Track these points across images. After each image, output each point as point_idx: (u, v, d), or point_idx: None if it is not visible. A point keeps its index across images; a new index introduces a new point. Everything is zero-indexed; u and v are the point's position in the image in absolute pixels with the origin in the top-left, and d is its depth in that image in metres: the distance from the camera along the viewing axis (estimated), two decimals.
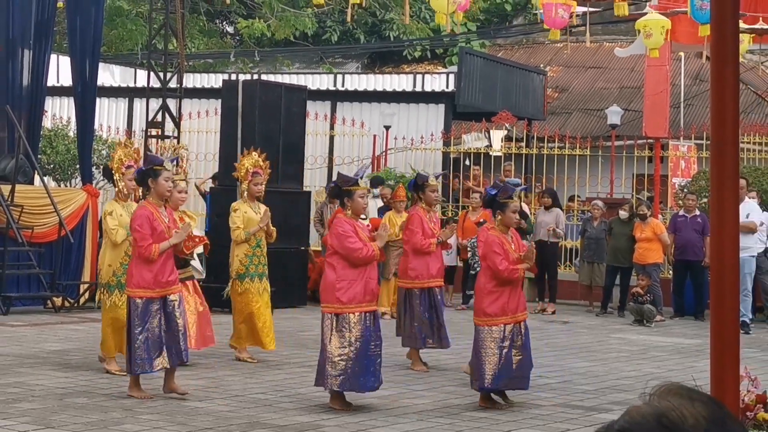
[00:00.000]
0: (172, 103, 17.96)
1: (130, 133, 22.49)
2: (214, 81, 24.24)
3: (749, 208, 15.05)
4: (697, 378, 7.19)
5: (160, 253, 8.97)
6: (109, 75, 24.63)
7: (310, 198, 17.84)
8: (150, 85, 18.17)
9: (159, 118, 17.77)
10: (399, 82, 24.69)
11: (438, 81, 24.28)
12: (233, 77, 21.58)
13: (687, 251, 16.43)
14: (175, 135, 17.77)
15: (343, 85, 24.43)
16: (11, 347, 11.38)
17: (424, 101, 22.45)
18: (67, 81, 19.06)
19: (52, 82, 19.37)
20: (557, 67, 30.19)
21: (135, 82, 24.44)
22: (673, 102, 22.85)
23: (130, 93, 23.37)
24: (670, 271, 17.46)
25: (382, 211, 16.40)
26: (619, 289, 16.98)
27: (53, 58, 18.78)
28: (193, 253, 10.85)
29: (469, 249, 16.66)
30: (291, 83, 20.08)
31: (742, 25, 14.36)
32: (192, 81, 23.92)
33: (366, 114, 22.06)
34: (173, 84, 18.01)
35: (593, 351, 12.80)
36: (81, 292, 15.16)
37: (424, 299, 11.14)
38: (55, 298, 14.92)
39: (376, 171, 20.46)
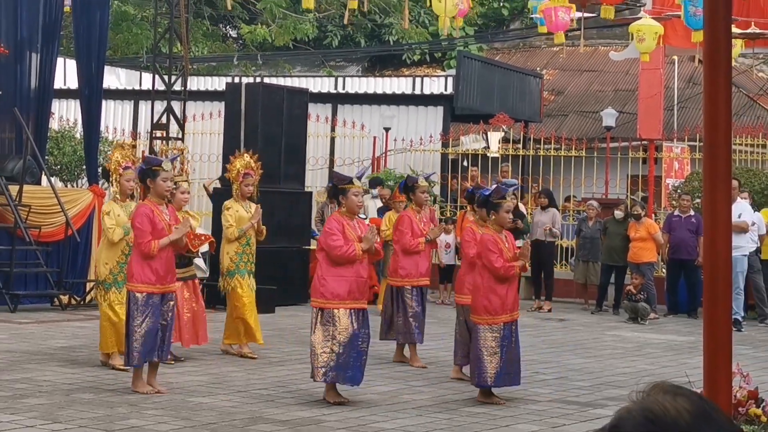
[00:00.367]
0: (176, 106, 17.88)
1: (135, 134, 22.51)
2: (218, 84, 24.34)
3: (741, 209, 15.08)
4: (690, 374, 7.13)
5: (159, 249, 8.98)
6: (115, 78, 24.73)
7: (311, 198, 17.91)
8: (155, 88, 18.13)
9: (164, 120, 17.66)
10: (398, 85, 24.82)
11: (437, 84, 24.42)
12: (236, 80, 21.67)
13: (681, 250, 16.41)
14: (180, 137, 17.87)
15: (343, 88, 24.61)
16: (19, 344, 11.42)
17: (423, 104, 22.54)
18: (73, 84, 19.04)
19: (58, 84, 19.41)
20: (553, 71, 30.14)
21: (140, 85, 24.58)
22: (666, 104, 22.80)
23: (135, 95, 23.52)
24: (664, 270, 17.45)
25: (381, 212, 16.46)
26: (614, 287, 16.99)
27: (60, 61, 18.66)
28: (198, 252, 10.95)
29: None
30: (293, 86, 20.24)
31: (735, 30, 14.49)
32: (196, 84, 24.02)
33: (366, 116, 22.16)
34: (178, 87, 17.88)
35: (588, 348, 12.83)
36: (87, 290, 15.09)
37: (417, 297, 11.18)
38: (62, 296, 14.91)
39: (376, 172, 20.62)
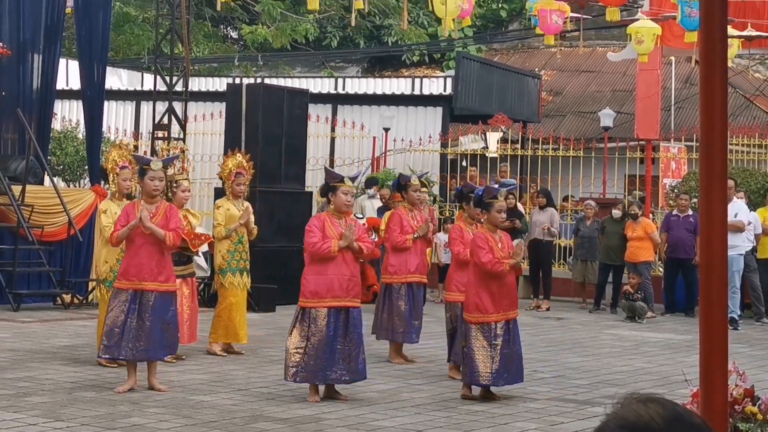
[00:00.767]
0: (178, 106, 17.93)
1: (137, 135, 22.55)
2: (219, 85, 24.36)
3: (737, 208, 15.15)
4: (687, 372, 7.08)
5: (119, 238, 8.97)
6: (117, 79, 24.74)
7: (311, 198, 17.89)
8: (156, 89, 18.16)
9: (165, 120, 17.69)
10: (398, 85, 24.87)
11: (436, 84, 24.48)
12: (237, 81, 21.77)
13: (678, 250, 16.42)
14: (181, 137, 17.96)
15: (343, 89, 24.67)
16: (22, 342, 11.47)
17: (422, 104, 22.60)
18: (76, 84, 19.20)
19: (61, 85, 19.50)
20: (551, 71, 30.18)
21: (142, 86, 24.60)
22: (663, 105, 22.83)
23: (137, 96, 23.56)
24: (661, 269, 17.49)
25: (381, 211, 16.46)
26: (611, 286, 17.03)
27: (62, 62, 18.80)
28: (198, 251, 11.10)
29: None
30: (293, 87, 20.36)
31: (731, 31, 14.58)
32: (197, 85, 24.09)
33: (366, 116, 22.23)
34: (179, 87, 17.91)
35: (586, 346, 12.87)
36: (89, 289, 15.06)
37: (404, 294, 11.11)
38: (64, 295, 15.01)
39: (376, 172, 20.76)
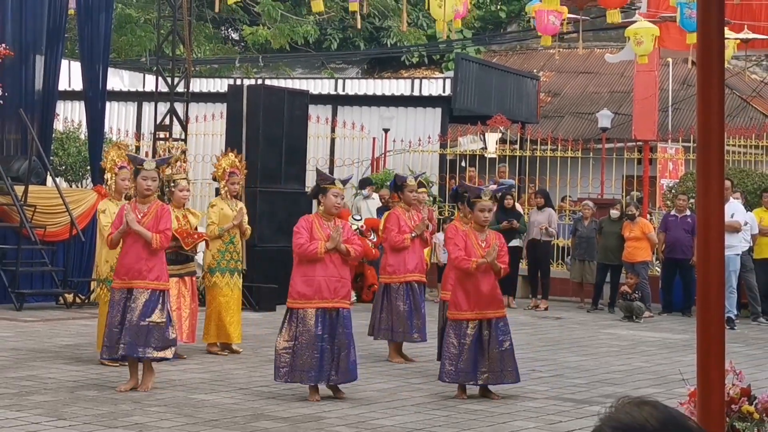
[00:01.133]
0: (179, 107, 17.95)
1: (138, 136, 22.65)
2: (220, 86, 24.39)
3: (734, 208, 15.23)
4: (684, 372, 7.05)
5: (113, 242, 9.01)
6: (119, 80, 24.78)
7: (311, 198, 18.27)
8: (158, 90, 18.13)
9: (167, 121, 17.70)
10: (397, 86, 24.95)
11: (435, 86, 24.58)
12: (238, 82, 21.85)
13: (676, 250, 16.47)
14: (183, 138, 18.04)
15: (343, 90, 24.75)
16: (24, 342, 11.51)
17: (421, 105, 22.68)
18: (78, 85, 19.19)
19: (63, 86, 19.56)
20: (550, 73, 30.24)
21: (144, 87, 24.63)
22: (661, 106, 22.82)
23: (138, 97, 23.66)
24: (659, 269, 17.55)
25: (381, 212, 16.54)
26: (609, 286, 17.07)
27: (65, 63, 18.80)
28: (195, 249, 11.02)
29: None
30: (294, 88, 20.46)
31: (728, 33, 14.66)
32: (198, 85, 24.15)
33: (366, 117, 22.32)
34: (180, 88, 17.89)
35: (584, 346, 12.91)
36: (92, 288, 15.01)
37: (403, 293, 11.11)
38: (66, 295, 15.08)
39: (376, 173, 20.89)
